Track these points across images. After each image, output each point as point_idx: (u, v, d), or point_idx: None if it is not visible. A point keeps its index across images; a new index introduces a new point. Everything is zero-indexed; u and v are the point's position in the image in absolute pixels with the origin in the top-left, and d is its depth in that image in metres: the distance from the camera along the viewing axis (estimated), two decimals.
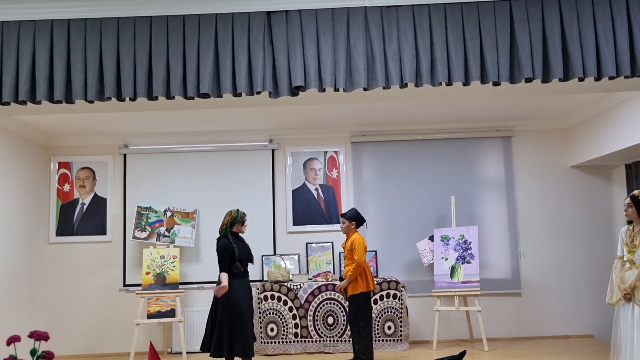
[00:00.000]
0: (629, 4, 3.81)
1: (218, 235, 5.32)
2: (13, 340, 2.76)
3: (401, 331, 6.39)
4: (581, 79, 3.82)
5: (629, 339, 4.42)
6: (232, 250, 5.15)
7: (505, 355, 6.05)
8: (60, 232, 7.05)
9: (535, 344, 6.59)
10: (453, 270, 6.52)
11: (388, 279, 6.48)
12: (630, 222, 4.66)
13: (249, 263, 5.37)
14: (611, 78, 3.81)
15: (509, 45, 3.79)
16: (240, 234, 5.39)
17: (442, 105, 6.37)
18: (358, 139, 7.23)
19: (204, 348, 5.19)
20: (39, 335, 2.74)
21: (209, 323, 5.21)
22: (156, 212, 6.85)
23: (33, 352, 2.68)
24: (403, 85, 3.82)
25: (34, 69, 3.80)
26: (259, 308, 6.41)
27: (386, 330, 6.40)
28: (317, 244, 7.04)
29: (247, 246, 5.40)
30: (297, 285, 6.48)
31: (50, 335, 2.89)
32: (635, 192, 4.63)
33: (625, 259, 4.56)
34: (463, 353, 5.37)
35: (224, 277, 5.11)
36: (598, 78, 3.82)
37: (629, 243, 4.55)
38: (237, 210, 5.32)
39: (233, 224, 5.27)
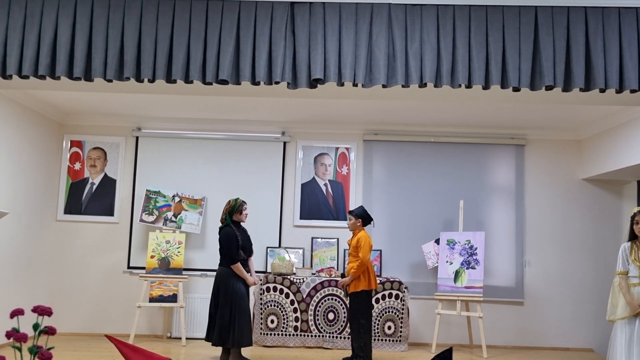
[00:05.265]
0: None
1: (221, 225, 5.34)
2: (17, 313, 2.76)
3: (401, 332, 6.38)
4: (602, 90, 3.78)
5: (635, 355, 4.38)
6: (237, 238, 5.17)
7: None
8: (68, 210, 7.07)
9: (535, 354, 6.56)
10: (457, 274, 6.49)
11: (391, 279, 6.47)
12: (633, 238, 4.62)
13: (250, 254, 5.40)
14: (633, 91, 3.78)
15: (532, 52, 3.76)
16: (242, 224, 5.41)
17: (457, 109, 6.33)
18: (370, 137, 7.21)
19: (209, 338, 5.21)
20: (42, 310, 2.74)
21: (211, 313, 5.24)
22: (165, 196, 6.87)
23: (35, 326, 2.68)
24: (422, 84, 3.80)
25: (55, 45, 3.81)
26: (261, 299, 6.41)
27: (386, 330, 6.39)
28: (323, 239, 7.03)
29: (249, 237, 5.42)
30: (300, 279, 6.48)
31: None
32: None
33: (631, 274, 4.53)
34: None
35: (241, 269, 5.14)
36: (619, 90, 3.79)
37: None
38: (236, 200, 5.34)
39: (232, 213, 5.29)
